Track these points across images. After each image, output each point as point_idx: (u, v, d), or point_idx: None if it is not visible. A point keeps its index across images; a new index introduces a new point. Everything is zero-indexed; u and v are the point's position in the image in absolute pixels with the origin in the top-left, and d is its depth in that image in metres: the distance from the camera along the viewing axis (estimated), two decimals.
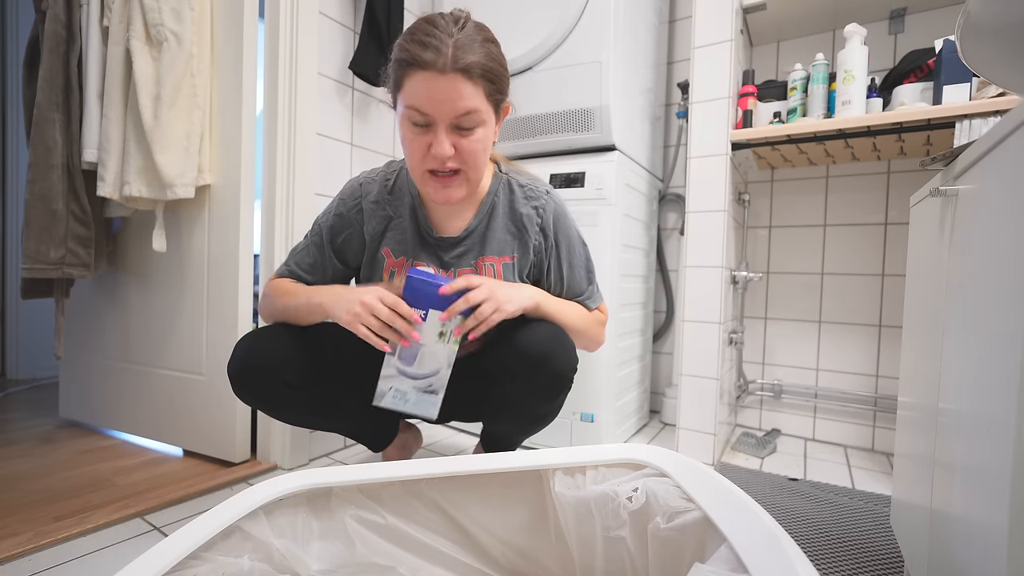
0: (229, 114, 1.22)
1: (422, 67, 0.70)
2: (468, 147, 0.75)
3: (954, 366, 0.57)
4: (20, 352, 2.15)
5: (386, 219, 0.88)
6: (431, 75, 0.70)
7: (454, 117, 0.72)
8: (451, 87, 0.70)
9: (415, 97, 0.71)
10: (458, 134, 0.74)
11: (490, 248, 0.89)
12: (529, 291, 0.85)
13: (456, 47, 0.70)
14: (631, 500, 0.59)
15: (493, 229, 0.89)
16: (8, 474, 1.15)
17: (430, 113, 0.72)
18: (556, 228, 0.92)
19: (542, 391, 0.85)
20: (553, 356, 0.83)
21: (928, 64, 1.29)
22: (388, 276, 0.89)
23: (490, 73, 0.74)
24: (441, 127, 0.73)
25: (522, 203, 0.90)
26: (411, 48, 0.71)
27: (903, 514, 0.80)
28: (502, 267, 0.90)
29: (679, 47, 1.81)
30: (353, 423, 0.99)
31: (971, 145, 0.56)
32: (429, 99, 0.71)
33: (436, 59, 0.69)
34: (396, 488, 0.66)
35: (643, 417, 1.73)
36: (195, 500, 1.06)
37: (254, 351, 0.85)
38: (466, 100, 0.72)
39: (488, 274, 0.89)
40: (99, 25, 1.20)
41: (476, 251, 0.89)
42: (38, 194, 1.17)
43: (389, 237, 0.88)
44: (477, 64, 0.71)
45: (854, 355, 1.55)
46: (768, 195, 1.67)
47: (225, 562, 0.52)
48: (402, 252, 0.88)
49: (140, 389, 1.37)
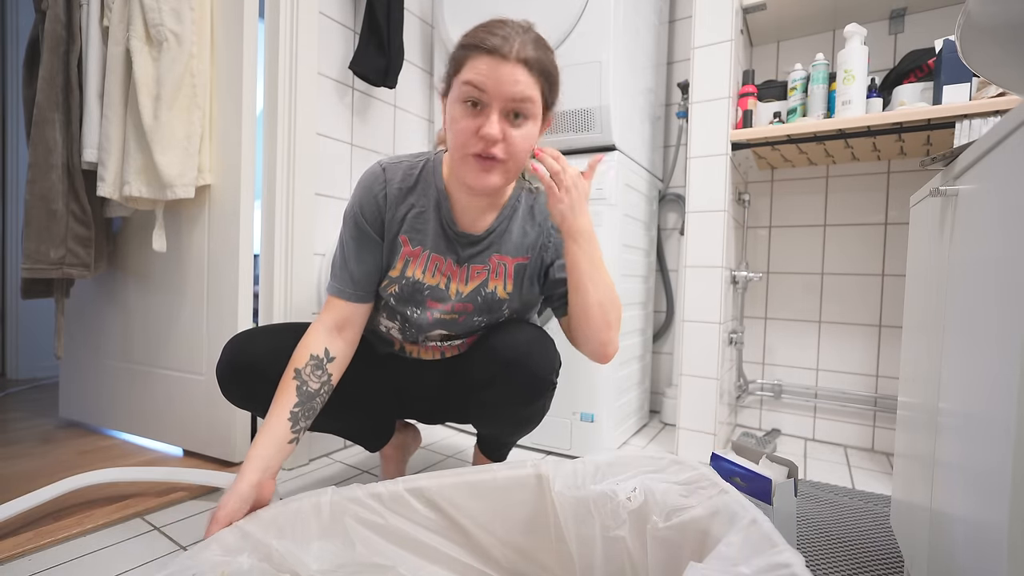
0: (229, 114, 1.22)
1: (488, 51, 0.72)
2: (516, 138, 0.75)
3: (954, 366, 0.57)
4: (20, 352, 2.16)
5: (409, 206, 0.87)
6: (496, 59, 0.72)
7: (509, 100, 0.73)
8: (512, 72, 0.72)
9: (475, 73, 0.72)
10: (509, 122, 0.75)
11: (506, 248, 0.89)
12: (590, 227, 0.83)
13: (522, 43, 0.73)
14: (630, 499, 0.59)
15: (511, 231, 0.90)
16: (8, 474, 1.15)
17: (488, 90, 0.72)
18: None
19: (522, 394, 0.85)
20: (530, 359, 0.83)
21: (928, 64, 1.29)
22: (402, 264, 0.87)
23: (549, 75, 0.77)
24: (495, 110, 0.73)
25: (541, 209, 0.91)
26: (481, 35, 0.73)
27: (903, 514, 0.80)
28: (514, 267, 0.90)
29: (679, 47, 1.81)
30: (347, 423, 0.99)
31: (971, 145, 0.56)
32: (489, 77, 0.72)
33: (503, 45, 0.72)
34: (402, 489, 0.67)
35: (643, 417, 1.73)
36: (195, 500, 1.06)
37: (242, 350, 0.85)
38: (524, 87, 0.73)
39: (500, 272, 0.89)
40: (99, 25, 1.20)
41: (493, 250, 0.89)
42: (38, 194, 1.17)
43: (409, 224, 0.87)
44: (539, 60, 0.74)
45: (854, 355, 1.55)
46: (768, 195, 1.67)
47: (224, 561, 0.52)
48: (419, 242, 0.87)
49: (140, 389, 1.37)
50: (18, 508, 0.87)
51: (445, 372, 0.98)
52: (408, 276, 0.87)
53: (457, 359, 0.97)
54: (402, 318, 0.90)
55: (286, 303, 1.24)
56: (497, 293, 0.89)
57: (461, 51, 0.75)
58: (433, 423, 1.11)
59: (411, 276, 0.87)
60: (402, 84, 1.56)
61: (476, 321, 0.91)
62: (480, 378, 0.87)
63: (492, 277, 0.89)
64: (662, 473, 0.62)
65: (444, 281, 0.88)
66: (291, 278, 1.25)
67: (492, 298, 0.89)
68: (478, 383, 0.88)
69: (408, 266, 0.87)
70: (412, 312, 0.89)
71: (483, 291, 0.88)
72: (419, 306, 0.88)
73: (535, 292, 0.93)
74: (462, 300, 0.88)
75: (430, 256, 0.87)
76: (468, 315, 0.90)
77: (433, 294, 0.87)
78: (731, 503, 0.53)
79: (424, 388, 1.01)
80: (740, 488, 0.79)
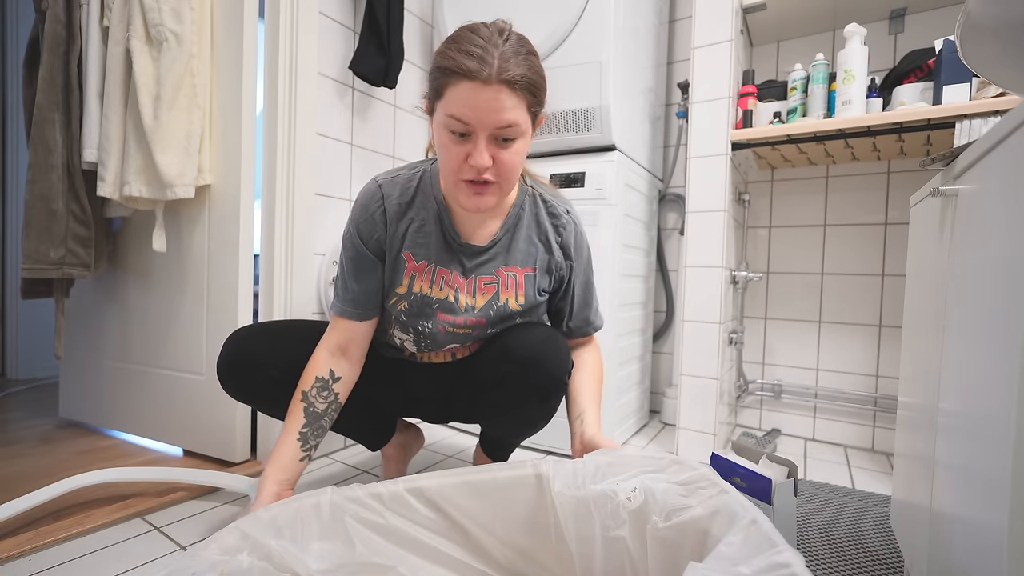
0: (229, 114, 1.22)
1: (467, 76, 0.68)
2: (506, 159, 0.74)
3: (954, 366, 0.57)
4: (20, 352, 2.15)
5: (409, 221, 0.86)
6: (475, 85, 0.68)
7: (495, 129, 0.71)
8: (494, 98, 0.69)
9: (457, 106, 0.70)
10: (497, 145, 0.73)
11: (513, 258, 0.89)
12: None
13: (501, 59, 0.69)
14: (630, 499, 0.59)
15: (517, 240, 0.89)
16: (8, 474, 1.15)
17: (472, 123, 0.70)
18: (577, 248, 0.92)
19: (535, 394, 0.84)
20: (546, 359, 0.83)
21: (928, 64, 1.29)
22: (408, 280, 0.86)
23: (533, 86, 0.73)
24: (481, 137, 0.72)
25: (546, 218, 0.90)
26: (455, 56, 0.69)
27: (903, 514, 0.80)
28: (524, 278, 0.89)
29: (679, 47, 1.81)
30: (348, 421, 0.99)
31: (971, 145, 0.56)
32: (472, 109, 0.69)
33: (481, 69, 0.68)
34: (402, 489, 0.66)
35: (643, 417, 1.73)
36: (195, 500, 1.06)
37: (242, 346, 0.86)
38: (508, 113, 0.70)
39: (510, 283, 0.88)
40: (99, 25, 1.20)
41: (500, 260, 0.88)
42: (38, 194, 1.17)
43: (411, 240, 0.86)
44: (521, 77, 0.70)
45: (854, 355, 1.55)
46: (768, 195, 1.67)
47: (223, 560, 0.52)
48: (424, 256, 0.86)
49: (140, 389, 1.37)
50: (18, 508, 0.87)
51: (455, 373, 0.98)
52: (416, 291, 0.86)
53: (467, 360, 0.97)
54: (415, 332, 0.89)
55: (286, 303, 1.24)
56: (510, 306, 0.88)
57: (439, 74, 0.72)
58: (438, 423, 1.11)
59: (419, 291, 0.86)
60: (402, 84, 1.56)
61: (490, 333, 0.91)
62: (491, 378, 0.87)
63: (503, 290, 0.88)
64: (662, 473, 0.62)
65: (452, 294, 0.87)
66: (291, 278, 1.25)
67: (505, 311, 0.88)
68: (489, 383, 0.87)
69: (415, 282, 0.87)
70: (424, 326, 0.88)
71: (495, 305, 0.88)
72: (430, 320, 0.88)
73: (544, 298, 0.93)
74: (475, 315, 0.88)
75: (436, 270, 0.86)
76: (482, 328, 0.90)
77: (442, 307, 0.87)
78: (731, 503, 0.53)
79: (433, 389, 1.01)
80: (740, 488, 0.79)
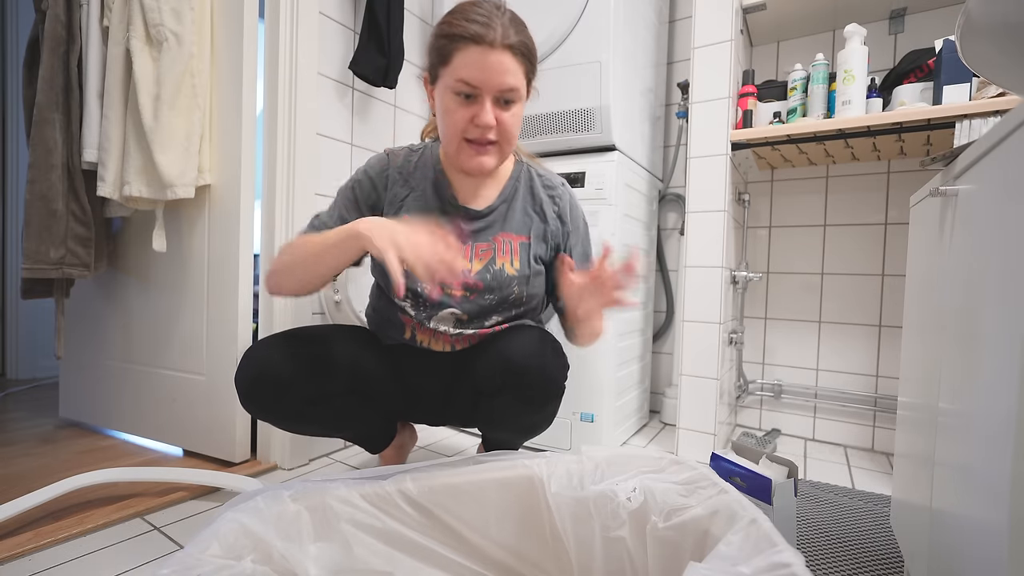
0: (229, 114, 1.22)
1: (475, 41, 0.76)
2: (508, 120, 0.82)
3: (954, 366, 0.57)
4: (20, 352, 2.16)
5: (409, 189, 0.92)
6: (483, 49, 0.76)
7: (499, 91, 0.79)
8: (500, 62, 0.77)
9: (466, 70, 0.77)
10: (500, 107, 0.81)
11: (510, 226, 0.93)
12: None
13: (503, 27, 0.77)
14: (630, 500, 0.59)
15: (514, 211, 0.93)
16: (8, 474, 1.15)
17: (479, 85, 0.77)
18: (573, 217, 0.97)
19: (535, 400, 0.84)
20: (544, 364, 0.83)
21: (928, 64, 1.29)
22: None
23: (531, 53, 0.82)
24: (487, 99, 0.79)
25: (540, 189, 0.96)
26: (463, 23, 0.77)
27: (903, 514, 0.80)
28: (519, 245, 0.92)
29: (679, 47, 1.81)
30: (351, 424, 0.99)
31: (971, 145, 0.56)
32: (480, 70, 0.77)
33: (487, 34, 0.76)
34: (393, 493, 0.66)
35: (643, 417, 1.73)
36: (195, 500, 1.06)
37: (263, 363, 0.82)
38: (511, 76, 0.78)
39: (506, 249, 0.91)
40: (99, 25, 1.20)
41: (497, 227, 0.92)
42: (38, 194, 1.17)
43: (409, 206, 0.91)
44: (521, 44, 0.79)
45: (854, 355, 1.55)
46: (768, 195, 1.67)
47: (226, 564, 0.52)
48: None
49: (140, 389, 1.37)
50: (18, 508, 0.87)
51: (454, 368, 0.98)
52: None
53: (467, 358, 0.96)
54: (413, 294, 0.91)
55: (286, 303, 1.24)
56: (505, 270, 0.91)
57: (446, 41, 0.79)
58: (438, 425, 1.11)
59: None
60: (402, 84, 1.56)
61: (488, 299, 0.91)
62: (490, 383, 0.86)
63: (499, 255, 0.91)
64: (662, 473, 0.62)
65: None
66: None
67: (501, 275, 0.90)
68: (488, 388, 0.87)
69: None
70: (421, 287, 0.90)
71: (491, 268, 0.90)
72: None
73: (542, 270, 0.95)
74: (472, 277, 0.90)
75: None
76: (479, 293, 0.90)
77: None
78: (731, 503, 0.53)
79: (432, 383, 1.00)
80: (740, 488, 0.79)
